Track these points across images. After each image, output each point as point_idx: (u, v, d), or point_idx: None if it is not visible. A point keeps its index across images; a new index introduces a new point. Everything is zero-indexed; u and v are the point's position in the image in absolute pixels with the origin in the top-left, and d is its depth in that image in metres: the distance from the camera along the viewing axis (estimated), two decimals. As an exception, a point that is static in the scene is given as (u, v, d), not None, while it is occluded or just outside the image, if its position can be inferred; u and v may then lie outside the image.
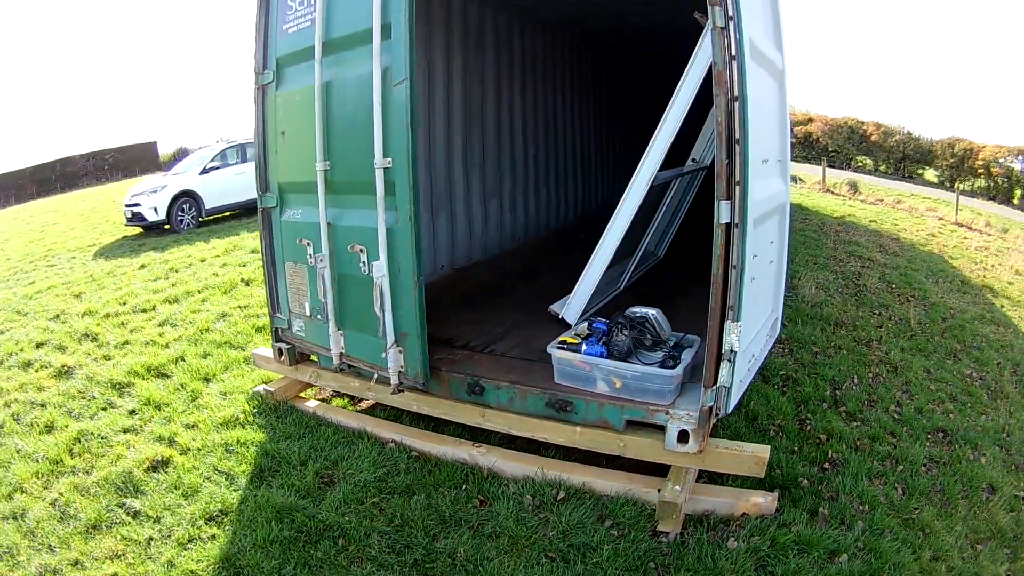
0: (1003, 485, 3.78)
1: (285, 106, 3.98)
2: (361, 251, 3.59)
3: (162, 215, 11.66)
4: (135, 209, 11.75)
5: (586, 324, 3.74)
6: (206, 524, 3.30)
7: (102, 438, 4.19)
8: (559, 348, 3.57)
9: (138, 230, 12.14)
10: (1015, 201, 20.79)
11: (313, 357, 4.46)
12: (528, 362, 3.97)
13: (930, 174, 23.36)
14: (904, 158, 22.74)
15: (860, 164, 23.39)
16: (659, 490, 3.27)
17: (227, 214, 12.83)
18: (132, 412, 4.54)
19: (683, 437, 3.24)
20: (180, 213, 11.87)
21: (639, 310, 3.61)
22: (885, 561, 3.03)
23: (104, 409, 4.61)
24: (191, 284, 7.52)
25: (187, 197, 12.01)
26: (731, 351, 3.08)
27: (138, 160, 27.27)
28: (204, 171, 12.44)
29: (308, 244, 3.92)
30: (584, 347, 3.49)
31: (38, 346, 5.90)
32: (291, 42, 3.89)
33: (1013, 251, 11.73)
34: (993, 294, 8.53)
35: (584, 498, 3.35)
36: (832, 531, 3.21)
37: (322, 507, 3.34)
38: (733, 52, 2.84)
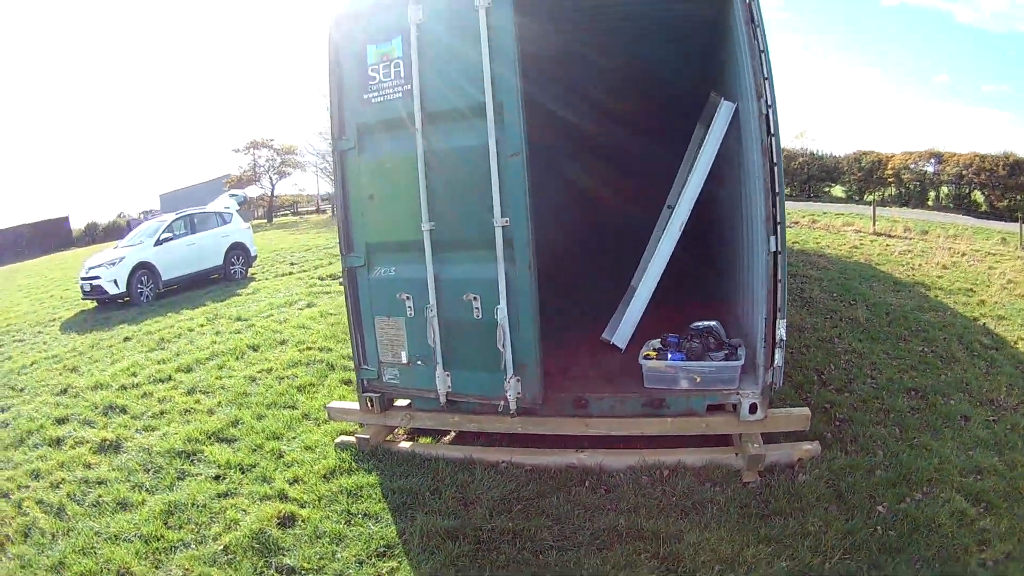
0: (974, 415, 4.86)
1: (372, 172, 4.34)
2: (475, 299, 4.09)
3: (122, 287, 11.20)
4: (94, 282, 11.22)
5: (658, 340, 4.49)
6: (379, 560, 3.52)
7: (199, 507, 4.09)
8: (646, 359, 4.27)
9: (94, 304, 11.62)
10: (929, 203, 20.96)
11: (398, 401, 4.82)
12: (605, 378, 4.64)
13: (837, 190, 23.43)
14: (809, 178, 22.96)
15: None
16: (737, 454, 4.14)
17: (175, 287, 12.42)
18: (217, 478, 4.48)
19: (753, 409, 4.05)
20: (139, 285, 11.39)
21: (702, 323, 4.44)
22: (908, 468, 4.08)
23: (180, 479, 4.51)
24: (196, 353, 7.43)
25: (144, 269, 11.54)
26: (781, 340, 3.98)
27: (52, 235, 25.25)
28: (158, 242, 12.00)
29: (408, 298, 4.34)
30: (669, 355, 4.24)
31: (59, 422, 5.69)
32: (376, 111, 4.24)
33: (937, 249, 12.08)
34: (926, 288, 9.22)
35: (683, 471, 4.06)
36: (863, 458, 4.22)
37: (480, 522, 3.71)
38: (772, 130, 3.79)
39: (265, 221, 29.18)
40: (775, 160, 3.81)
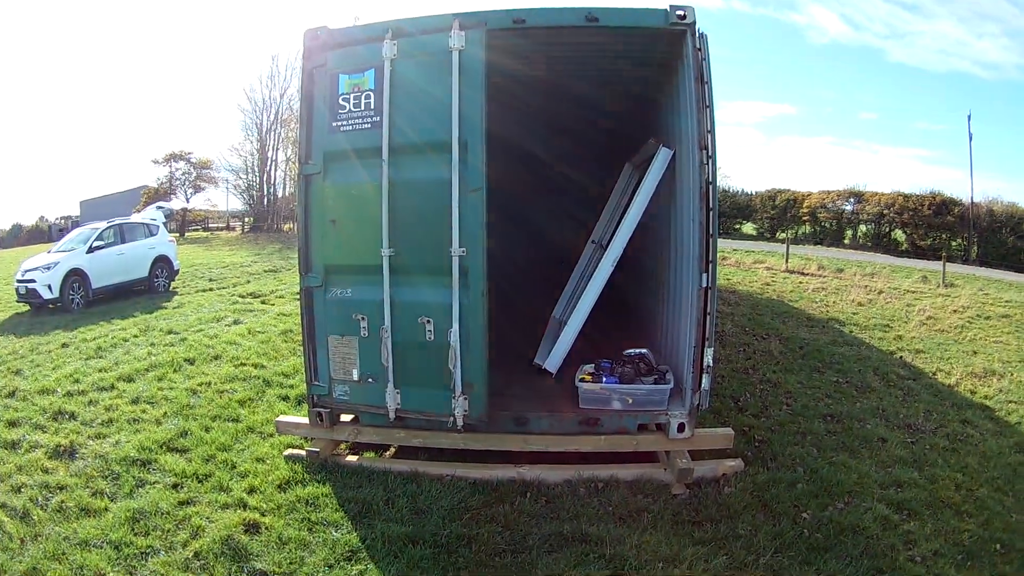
0: (891, 437, 5.18)
1: (336, 197, 4.42)
2: (428, 322, 4.23)
3: (56, 293, 10.80)
4: (29, 285, 10.79)
5: (592, 365, 4.76)
6: (347, 563, 3.58)
7: (163, 514, 4.01)
8: (582, 382, 4.52)
9: (26, 307, 11.19)
10: (846, 242, 21.13)
11: (344, 417, 4.88)
12: (542, 398, 4.86)
13: (748, 227, 23.50)
14: (721, 215, 22.57)
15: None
16: (666, 469, 4.44)
17: (102, 296, 11.97)
18: (175, 486, 4.41)
19: (681, 428, 4.37)
20: (71, 292, 10.97)
21: (634, 350, 4.74)
22: (829, 481, 4.41)
23: (139, 486, 4.40)
24: (134, 363, 7.22)
25: (76, 276, 11.12)
26: (708, 366, 4.32)
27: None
28: (91, 250, 11.58)
29: (363, 318, 4.42)
30: (604, 379, 4.50)
31: (11, 425, 5.47)
32: (344, 139, 4.35)
33: (852, 287, 12.09)
34: (840, 324, 9.32)
35: (617, 484, 4.31)
36: (784, 473, 4.55)
37: (435, 528, 3.83)
38: (710, 178, 4.16)
39: (178, 235, 28.28)
40: (711, 206, 4.16)
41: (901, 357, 7.69)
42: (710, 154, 4.12)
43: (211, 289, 12.83)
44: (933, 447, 5.07)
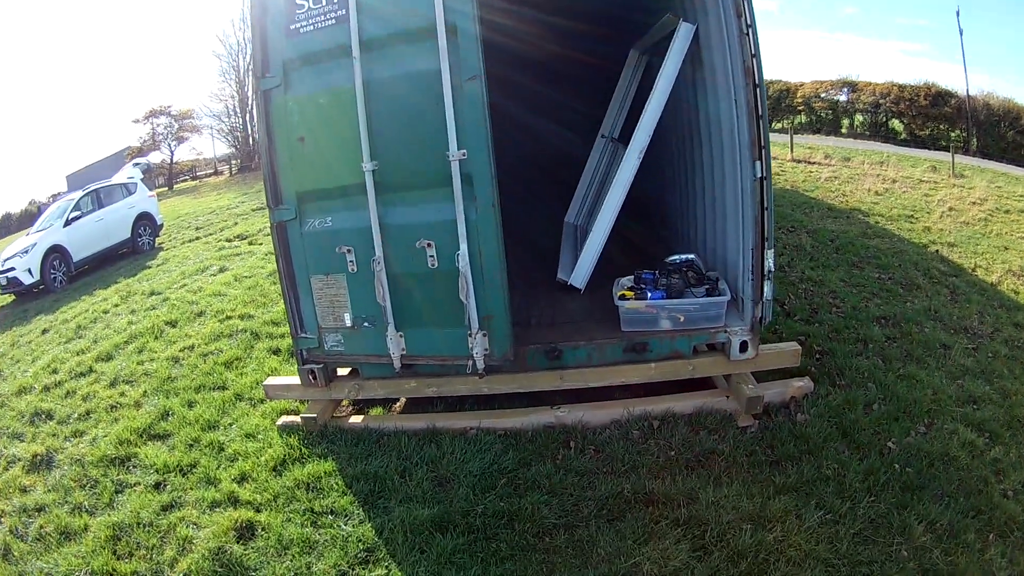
0: (953, 343, 4.46)
1: (303, 110, 3.44)
2: (428, 246, 3.28)
3: (37, 276, 9.85)
4: (10, 275, 9.82)
5: (631, 277, 3.81)
6: (363, 568, 2.79)
7: (146, 526, 3.26)
8: (623, 300, 3.59)
9: (11, 298, 10.26)
10: (843, 131, 20.01)
11: (340, 371, 4.02)
12: (576, 323, 3.93)
13: None
14: None
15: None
16: (728, 397, 3.59)
17: (87, 267, 11.09)
18: (158, 486, 3.63)
19: (743, 347, 3.49)
20: (52, 271, 10.01)
21: (680, 256, 3.79)
22: (905, 400, 3.69)
23: (119, 492, 3.63)
24: (114, 337, 6.32)
25: (56, 253, 10.15)
26: (770, 271, 3.43)
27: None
28: (68, 223, 10.55)
29: (349, 251, 3.48)
30: (649, 295, 3.56)
31: None
32: (306, 42, 3.36)
33: (864, 176, 11.23)
34: (864, 214, 8.61)
35: (675, 421, 3.48)
36: (857, 392, 3.76)
37: (465, 505, 3.02)
38: (753, 50, 3.24)
39: (167, 188, 27.67)
40: (758, 82, 3.27)
41: (937, 251, 6.91)
42: (749, 22, 3.23)
43: (198, 238, 11.80)
44: (996, 355, 4.36)
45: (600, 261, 4.33)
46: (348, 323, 3.67)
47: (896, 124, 19.49)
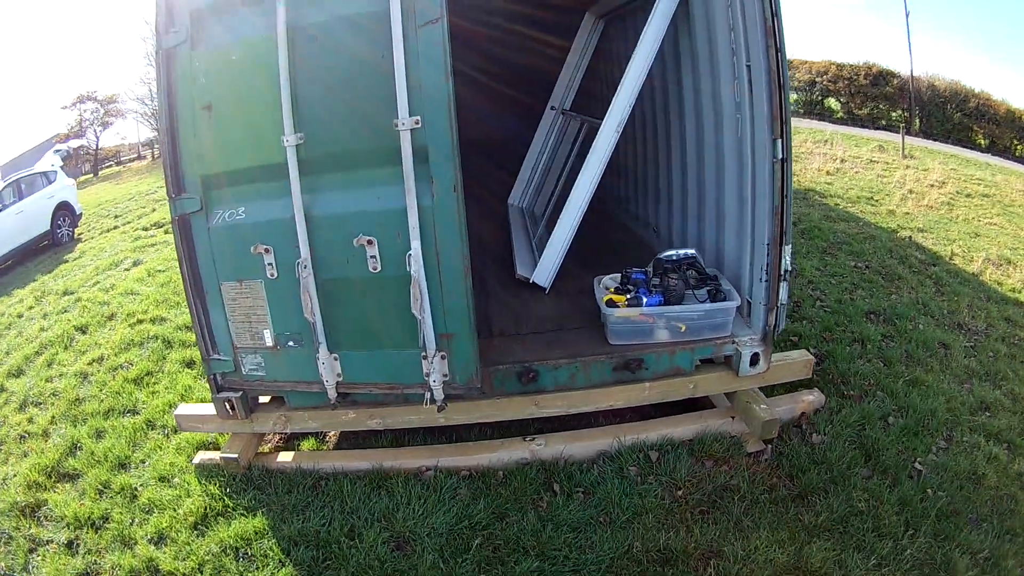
0: (951, 342, 4.06)
1: (211, 70, 2.56)
2: (369, 243, 2.50)
3: None
4: None
5: (616, 277, 3.14)
6: None
7: None
8: (611, 306, 2.91)
9: None
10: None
11: (263, 399, 3.21)
12: (550, 333, 3.22)
13: None
14: None
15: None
16: (733, 417, 3.03)
17: (9, 263, 9.85)
18: (70, 545, 2.89)
19: (754, 360, 2.90)
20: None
21: (678, 252, 3.14)
22: (920, 411, 3.25)
23: (32, 552, 2.88)
24: (25, 347, 5.34)
25: (-30, 249, 8.79)
26: (787, 272, 2.86)
27: None
28: None
29: (267, 250, 2.66)
30: (643, 300, 2.89)
31: None
32: None
33: (810, 154, 10.70)
34: (820, 195, 8.19)
35: (675, 450, 2.87)
36: (869, 404, 3.30)
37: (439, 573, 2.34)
38: (775, 9, 2.64)
39: (92, 175, 26.01)
40: (779, 45, 2.65)
41: (909, 237, 6.56)
42: None
43: (116, 228, 10.70)
44: (996, 354, 4.00)
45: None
46: (269, 342, 2.84)
47: (832, 103, 19.42)
